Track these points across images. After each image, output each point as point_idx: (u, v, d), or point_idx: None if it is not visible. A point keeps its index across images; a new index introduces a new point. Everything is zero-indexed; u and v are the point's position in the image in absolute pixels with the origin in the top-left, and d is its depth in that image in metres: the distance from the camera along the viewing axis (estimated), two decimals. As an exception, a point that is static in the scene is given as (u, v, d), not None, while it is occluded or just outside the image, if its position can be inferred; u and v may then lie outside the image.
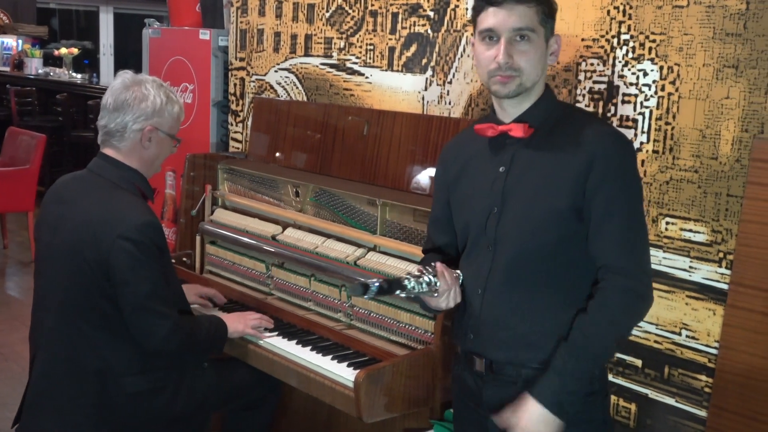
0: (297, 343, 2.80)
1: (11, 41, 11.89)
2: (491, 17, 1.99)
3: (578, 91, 2.67)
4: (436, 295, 2.06)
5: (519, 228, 2.01)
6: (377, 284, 1.95)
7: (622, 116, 2.58)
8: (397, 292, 2.00)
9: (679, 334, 2.49)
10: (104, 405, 2.61)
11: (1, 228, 7.34)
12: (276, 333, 2.89)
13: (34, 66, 11.08)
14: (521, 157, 2.04)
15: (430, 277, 2.04)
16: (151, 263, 2.57)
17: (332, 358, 2.67)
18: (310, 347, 2.77)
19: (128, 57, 9.32)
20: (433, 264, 2.07)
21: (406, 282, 2.00)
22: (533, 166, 2.02)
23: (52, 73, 10.66)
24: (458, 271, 2.12)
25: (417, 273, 2.04)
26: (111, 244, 2.52)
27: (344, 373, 2.58)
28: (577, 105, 2.67)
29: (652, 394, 2.56)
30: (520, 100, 2.04)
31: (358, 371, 2.47)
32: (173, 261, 2.98)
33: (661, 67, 2.49)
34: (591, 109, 2.65)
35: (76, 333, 2.61)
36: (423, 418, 2.63)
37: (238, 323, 2.85)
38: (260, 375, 2.90)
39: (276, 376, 2.82)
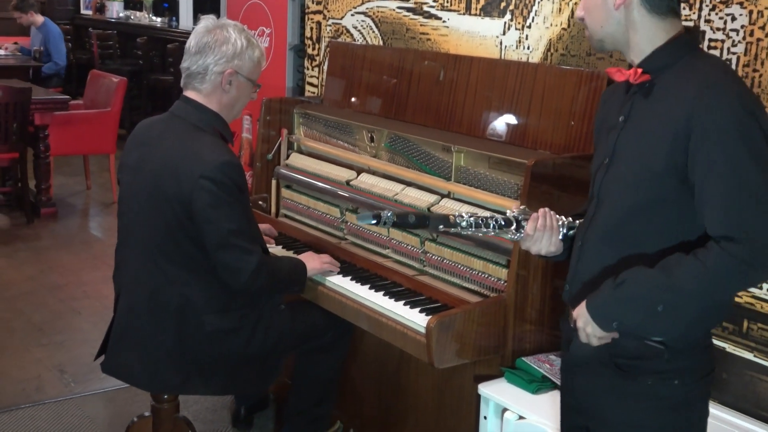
0: (370, 288, 2.82)
1: (93, -15, 12.05)
2: None
3: (662, 37, 2.59)
4: (515, 237, 2.06)
5: (618, 183, 1.92)
6: (391, 214, 1.94)
7: (707, 63, 2.49)
8: (440, 227, 2.00)
9: (760, 287, 2.43)
10: (184, 342, 2.69)
11: (84, 170, 7.53)
12: (349, 277, 2.91)
13: (115, 9, 11.23)
14: (638, 107, 1.92)
15: (511, 218, 2.03)
16: (232, 201, 2.61)
17: (404, 304, 2.69)
18: (382, 292, 2.78)
19: (207, 1, 9.35)
20: (524, 207, 2.08)
21: (456, 220, 1.99)
22: (644, 118, 1.90)
23: (132, 17, 10.79)
24: (571, 219, 2.09)
25: (490, 214, 2.04)
26: (193, 183, 2.57)
27: (416, 319, 2.59)
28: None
29: (730, 348, 2.51)
30: (629, 51, 1.95)
31: (429, 317, 2.48)
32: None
33: (750, 12, 2.39)
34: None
35: (158, 271, 2.68)
36: (494, 365, 2.63)
37: (313, 261, 2.91)
38: (333, 318, 2.94)
39: (348, 320, 2.86)
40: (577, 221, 2.09)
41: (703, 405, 1.97)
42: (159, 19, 10.39)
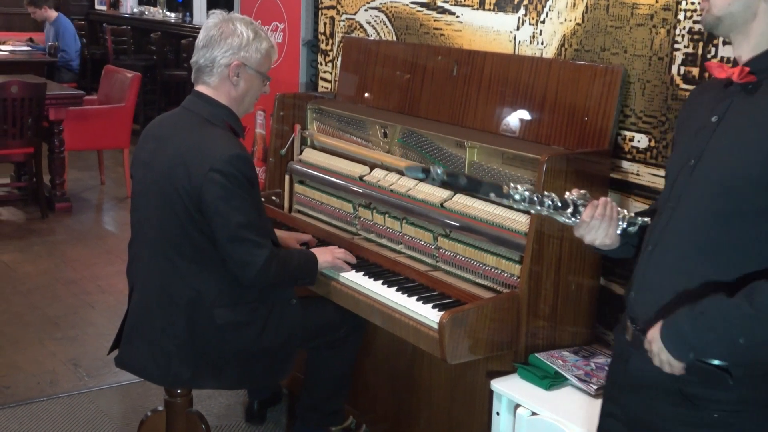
0: (383, 283, 2.82)
1: (107, -20, 12.08)
2: None
3: (677, 32, 2.58)
4: (570, 221, 1.96)
5: (704, 187, 1.77)
6: (441, 172, 1.84)
7: (723, 58, 2.48)
8: (491, 195, 1.91)
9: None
10: (195, 336, 2.69)
11: (98, 164, 7.56)
12: (362, 272, 2.91)
13: (129, 5, 11.27)
14: (738, 109, 1.77)
15: (569, 201, 1.93)
16: (242, 194, 2.62)
17: (417, 299, 2.68)
18: (395, 287, 2.78)
19: (220, -4, 9.38)
20: (585, 192, 1.97)
21: (510, 191, 1.91)
22: (743, 121, 1.74)
23: (146, 12, 10.81)
24: (633, 215, 1.99)
25: (548, 193, 1.93)
26: (203, 177, 2.57)
27: (429, 314, 2.58)
28: (676, 46, 2.58)
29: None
30: (743, 39, 1.78)
31: (442, 313, 2.48)
32: (263, 200, 3.02)
33: None
34: (690, 50, 2.55)
35: (169, 265, 2.69)
36: (507, 361, 2.62)
37: (326, 255, 2.91)
38: (345, 314, 2.94)
39: (361, 315, 2.86)
40: (640, 219, 1.98)
41: None
42: (173, 15, 10.41)
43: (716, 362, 1.76)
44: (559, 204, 1.94)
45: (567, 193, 1.97)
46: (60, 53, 8.94)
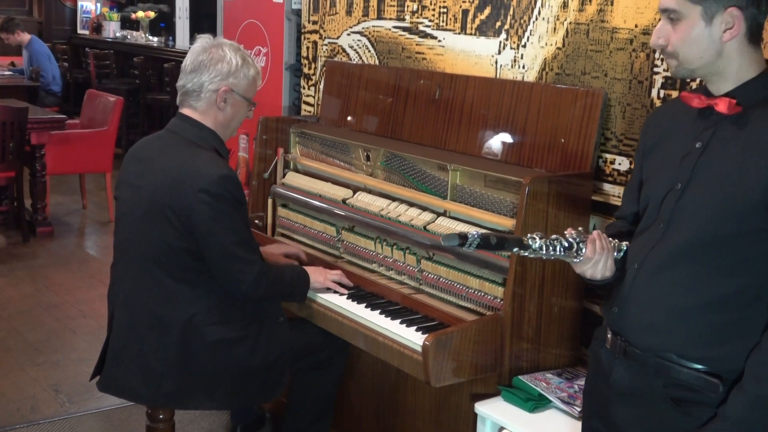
0: (366, 307, 2.82)
1: (90, 5, 12.09)
2: None
3: (656, 55, 2.60)
4: (576, 260, 1.98)
5: (699, 212, 1.85)
6: (477, 236, 1.84)
7: (701, 81, 2.50)
8: (515, 250, 1.92)
9: None
10: (186, 355, 2.69)
11: (80, 188, 7.53)
12: (345, 296, 2.91)
13: (112, 29, 11.27)
14: (723, 135, 1.86)
15: (572, 240, 1.96)
16: (232, 213, 2.63)
17: (401, 322, 2.68)
18: (378, 311, 2.78)
19: (203, 20, 9.37)
20: (580, 229, 2.00)
21: (529, 242, 1.92)
22: (733, 147, 1.83)
23: (129, 37, 10.82)
24: (618, 242, 2.03)
25: (555, 236, 1.96)
26: (192, 198, 2.59)
27: (412, 337, 2.58)
28: (656, 69, 2.61)
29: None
30: (719, 79, 1.89)
31: (426, 335, 2.48)
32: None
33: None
34: (669, 74, 2.57)
35: (156, 285, 2.68)
36: (491, 383, 2.62)
37: (319, 275, 2.92)
38: (330, 335, 2.93)
39: (344, 338, 2.85)
40: (624, 244, 2.03)
41: None
42: (156, 39, 10.42)
43: (699, 366, 1.82)
44: (566, 245, 1.96)
45: (567, 234, 1.99)
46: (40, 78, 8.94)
